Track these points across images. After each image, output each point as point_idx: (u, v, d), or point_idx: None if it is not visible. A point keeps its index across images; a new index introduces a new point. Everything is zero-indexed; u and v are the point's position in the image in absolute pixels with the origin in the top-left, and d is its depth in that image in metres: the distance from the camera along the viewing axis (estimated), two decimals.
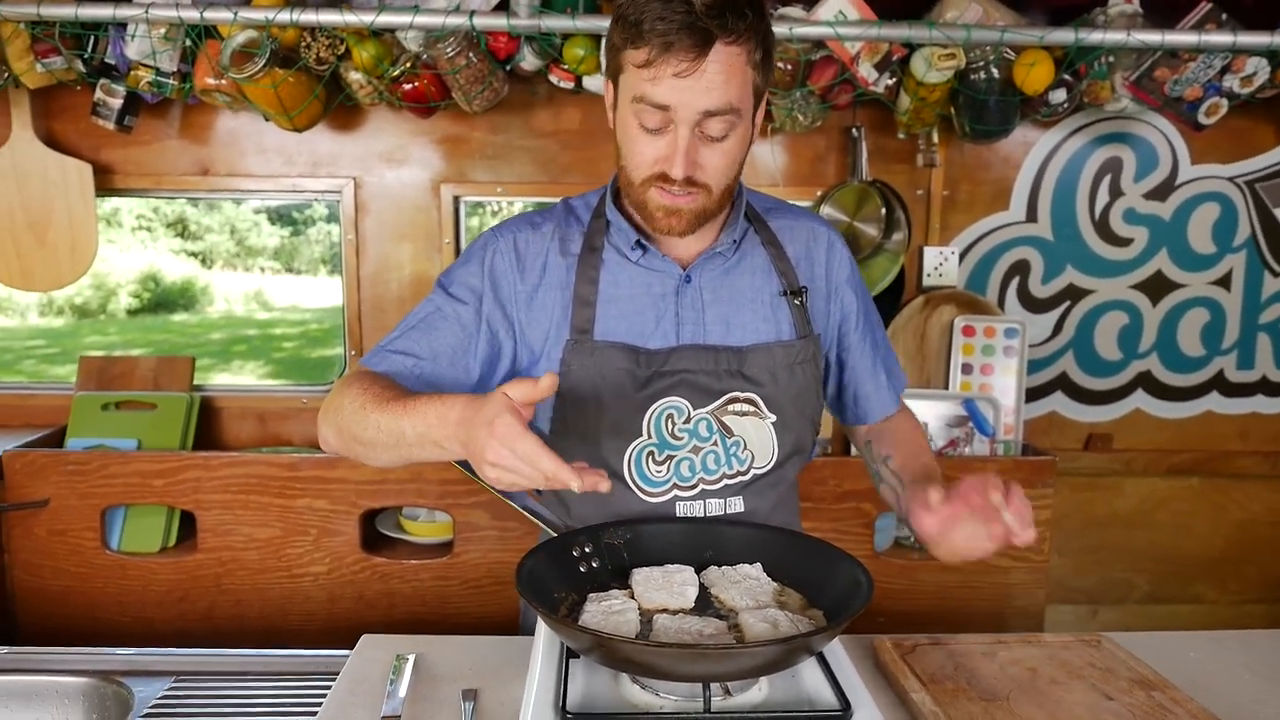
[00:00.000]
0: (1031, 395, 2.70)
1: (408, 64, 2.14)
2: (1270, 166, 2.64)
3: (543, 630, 1.09)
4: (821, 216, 1.39)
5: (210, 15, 2.01)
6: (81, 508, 2.23)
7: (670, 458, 1.24)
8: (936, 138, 2.48)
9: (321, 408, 1.21)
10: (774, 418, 1.26)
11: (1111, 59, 2.22)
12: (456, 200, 2.57)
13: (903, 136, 2.49)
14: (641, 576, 1.12)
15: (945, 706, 1.10)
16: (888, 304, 2.56)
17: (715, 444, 1.25)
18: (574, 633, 0.93)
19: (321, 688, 1.23)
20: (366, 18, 2.01)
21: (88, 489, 2.22)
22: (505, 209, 3.13)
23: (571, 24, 2.03)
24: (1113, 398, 2.74)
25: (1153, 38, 2.09)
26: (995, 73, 2.23)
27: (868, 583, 1.02)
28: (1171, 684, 1.16)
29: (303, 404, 2.62)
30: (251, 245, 12.58)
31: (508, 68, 2.22)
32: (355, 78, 2.18)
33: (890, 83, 2.25)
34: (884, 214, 2.45)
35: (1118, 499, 2.76)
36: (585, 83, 2.22)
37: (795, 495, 1.38)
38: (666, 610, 1.06)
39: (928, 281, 2.59)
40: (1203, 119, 2.28)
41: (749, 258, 1.29)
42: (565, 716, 0.92)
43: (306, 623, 2.28)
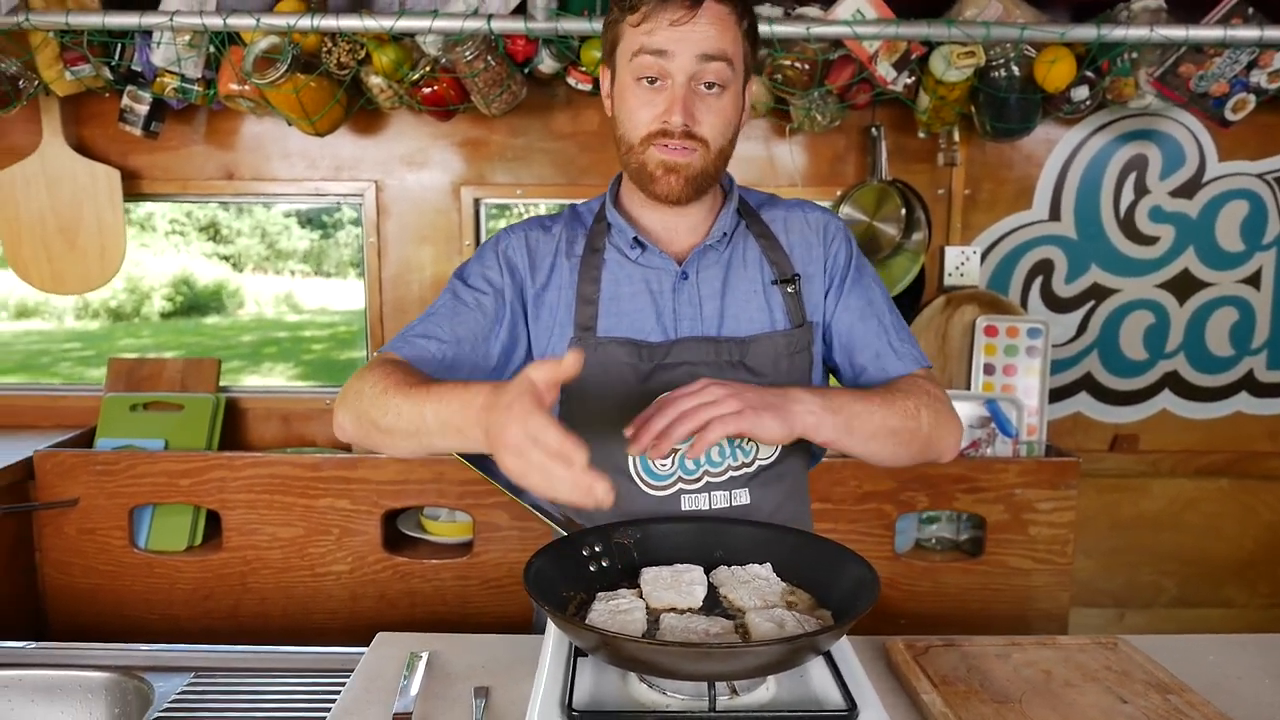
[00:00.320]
0: (1055, 396, 2.67)
1: (427, 68, 2.16)
2: None
3: (552, 629, 1.10)
4: (818, 205, 1.38)
5: (233, 22, 2.04)
6: (110, 507, 2.27)
7: (675, 451, 1.25)
8: (957, 136, 2.46)
9: (340, 393, 1.20)
10: None
11: (1135, 55, 2.19)
12: (477, 203, 2.59)
13: (923, 135, 2.47)
14: (650, 576, 1.12)
15: (956, 708, 1.09)
16: (908, 304, 2.55)
17: None
18: (580, 631, 0.94)
19: (337, 684, 1.24)
20: (386, 22, 2.04)
21: (116, 488, 2.27)
22: (528, 211, 3.15)
23: (589, 26, 2.04)
24: (1139, 398, 2.71)
25: (1177, 33, 2.06)
26: (1016, 70, 2.21)
27: (874, 583, 1.01)
28: (1189, 687, 1.15)
29: (326, 405, 2.65)
30: (282, 249, 12.75)
31: (526, 71, 2.24)
32: (376, 82, 2.21)
33: (909, 81, 2.24)
34: (904, 214, 2.44)
35: (1144, 500, 2.73)
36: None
37: (804, 491, 1.38)
38: (674, 610, 1.06)
39: (949, 281, 2.57)
40: (1229, 115, 2.25)
41: (741, 250, 1.31)
42: (572, 714, 0.92)
43: (329, 621, 2.31)
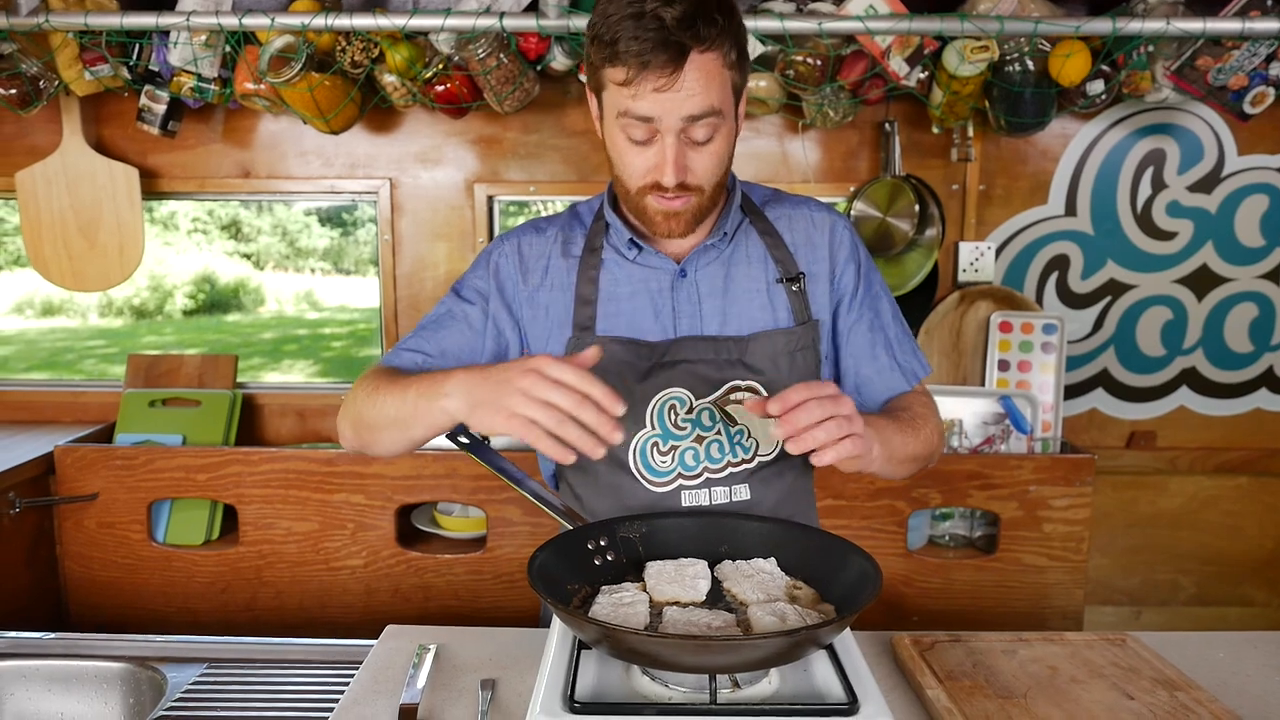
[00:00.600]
0: (1071, 392, 2.65)
1: (440, 66, 2.18)
2: None
3: (556, 622, 1.11)
4: (823, 203, 1.37)
5: (249, 22, 2.07)
6: (129, 501, 2.31)
7: (674, 448, 1.26)
8: (972, 131, 2.44)
9: (341, 406, 1.29)
10: None
11: (1151, 48, 2.17)
12: (490, 200, 2.61)
13: (937, 131, 2.46)
14: (654, 570, 1.13)
15: (960, 703, 1.09)
16: (921, 300, 2.54)
17: (719, 433, 1.26)
18: (582, 623, 0.95)
19: (347, 676, 1.26)
20: (399, 21, 2.05)
21: (135, 483, 2.30)
22: (543, 208, 3.16)
23: None
24: (1156, 395, 2.68)
25: (1194, 26, 2.04)
26: (1030, 64, 2.19)
27: (877, 577, 1.01)
28: (1197, 684, 1.14)
29: (341, 401, 2.66)
30: (302, 247, 12.84)
31: (538, 68, 2.24)
32: (389, 80, 2.22)
33: (922, 76, 2.23)
34: (917, 209, 2.43)
35: (1162, 498, 2.70)
36: None
37: (807, 487, 1.38)
38: (677, 603, 1.07)
39: (963, 277, 2.56)
40: (1248, 108, 2.22)
41: (744, 248, 1.31)
42: (573, 706, 0.93)
43: (344, 615, 2.33)
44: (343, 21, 2.06)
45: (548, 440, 1.00)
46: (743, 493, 1.28)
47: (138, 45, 2.21)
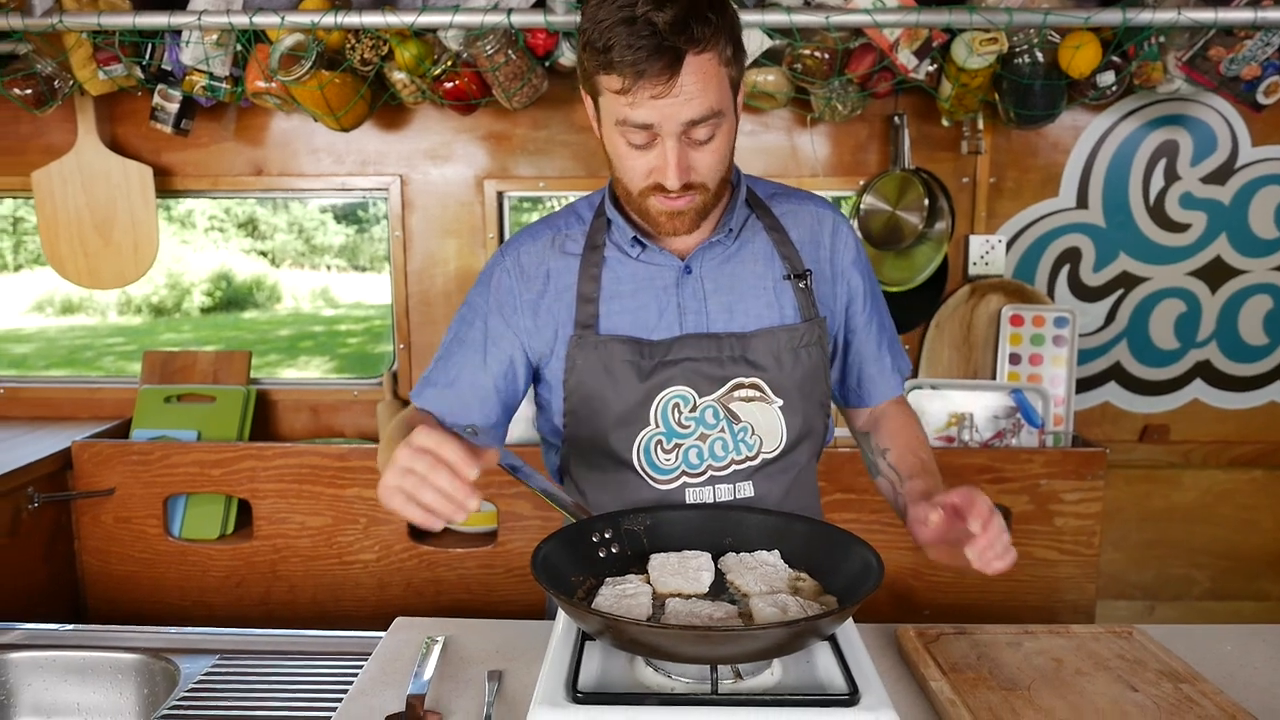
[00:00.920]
0: (1083, 386, 2.64)
1: (449, 62, 2.19)
2: None
3: (561, 614, 1.12)
4: (824, 199, 1.37)
5: (259, 21, 2.08)
6: (145, 496, 2.33)
7: (678, 446, 1.26)
8: (981, 124, 2.43)
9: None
10: (780, 401, 1.27)
11: (1162, 39, 2.15)
12: (500, 196, 2.62)
13: (946, 124, 2.45)
14: (658, 562, 1.14)
15: (963, 695, 1.09)
16: (930, 294, 2.53)
17: (722, 430, 1.26)
18: (584, 615, 0.96)
19: (356, 667, 1.27)
20: (408, 18, 2.06)
21: (151, 478, 2.33)
22: (554, 204, 3.17)
23: None
24: (1169, 388, 2.66)
25: (1205, 16, 2.02)
26: (1039, 56, 2.18)
27: (879, 568, 1.02)
28: (1202, 677, 1.14)
29: (354, 396, 2.69)
30: (318, 244, 12.92)
31: (547, 64, 2.25)
32: (399, 77, 2.24)
33: (931, 69, 2.22)
34: (926, 203, 2.42)
35: (1176, 492, 2.69)
36: None
37: (811, 482, 1.38)
38: (681, 595, 1.08)
39: (974, 270, 2.55)
40: (1262, 99, 2.20)
41: (750, 244, 1.30)
42: (576, 696, 0.94)
43: (357, 608, 2.36)
44: (352, 19, 2.08)
45: (411, 506, 0.97)
46: (747, 489, 1.28)
47: (150, 45, 2.23)
